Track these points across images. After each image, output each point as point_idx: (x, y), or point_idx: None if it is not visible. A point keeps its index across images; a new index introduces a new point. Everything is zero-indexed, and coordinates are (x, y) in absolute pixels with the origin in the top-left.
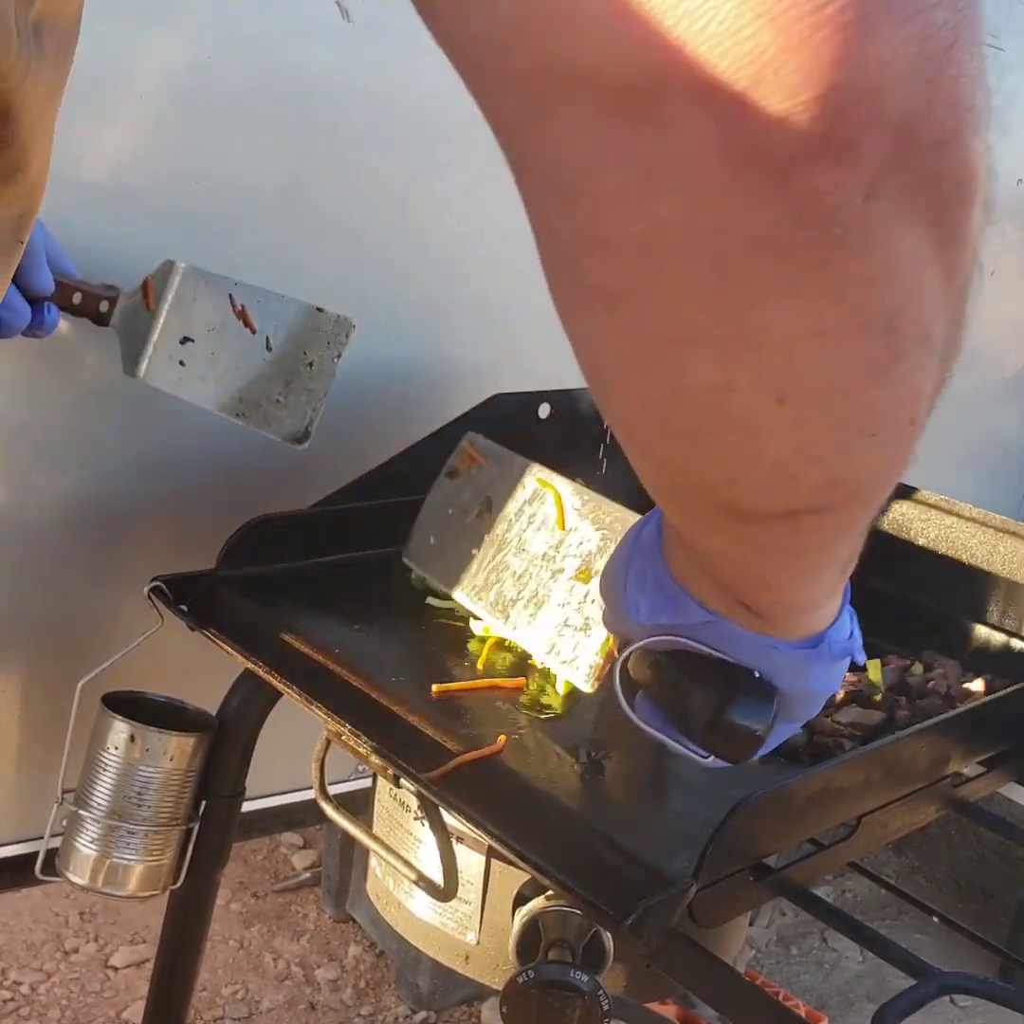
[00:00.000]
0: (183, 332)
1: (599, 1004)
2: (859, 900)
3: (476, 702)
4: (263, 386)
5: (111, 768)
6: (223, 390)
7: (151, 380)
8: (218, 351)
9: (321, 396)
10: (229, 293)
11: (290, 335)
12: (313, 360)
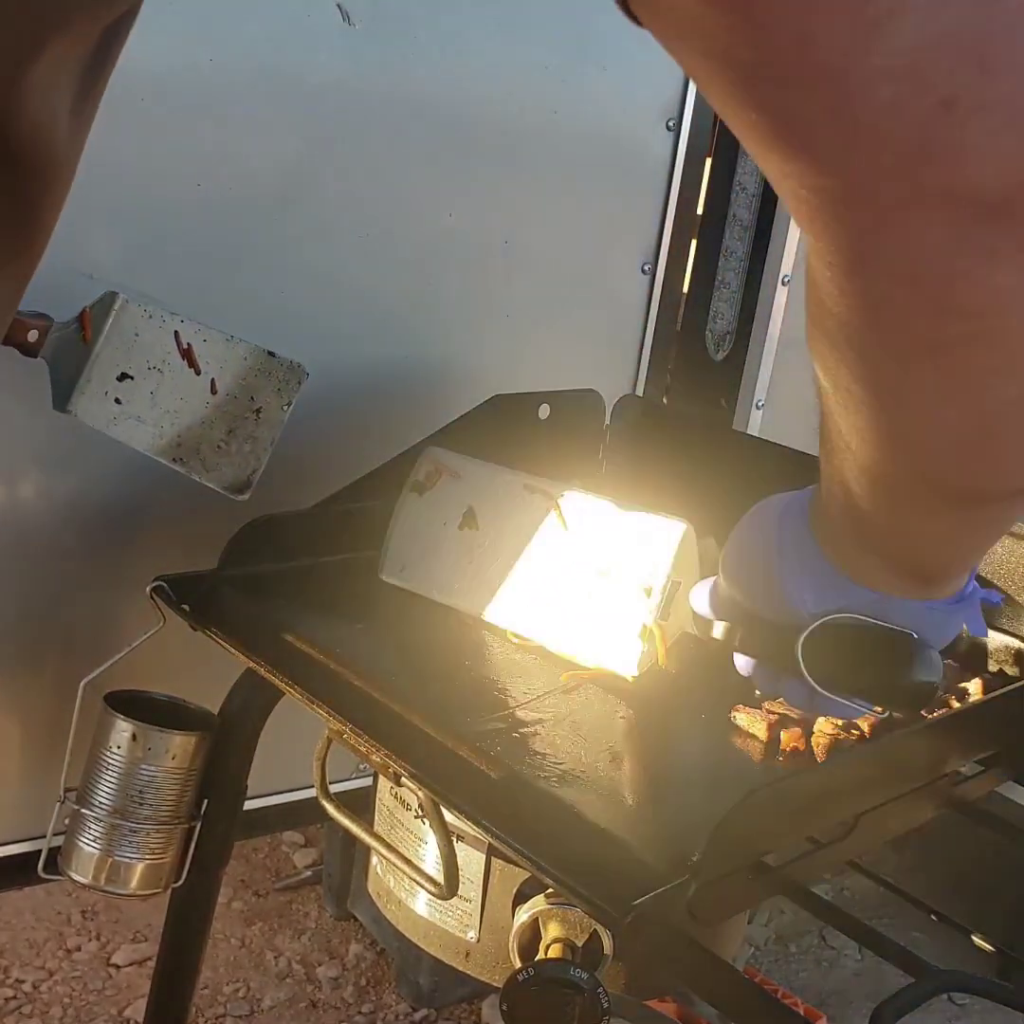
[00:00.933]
0: (121, 368)
1: (599, 1002)
2: (857, 898)
3: (476, 702)
4: (204, 431)
5: (113, 767)
6: (160, 432)
7: (83, 416)
8: (158, 391)
9: (267, 445)
10: (175, 330)
11: (237, 379)
12: (261, 406)
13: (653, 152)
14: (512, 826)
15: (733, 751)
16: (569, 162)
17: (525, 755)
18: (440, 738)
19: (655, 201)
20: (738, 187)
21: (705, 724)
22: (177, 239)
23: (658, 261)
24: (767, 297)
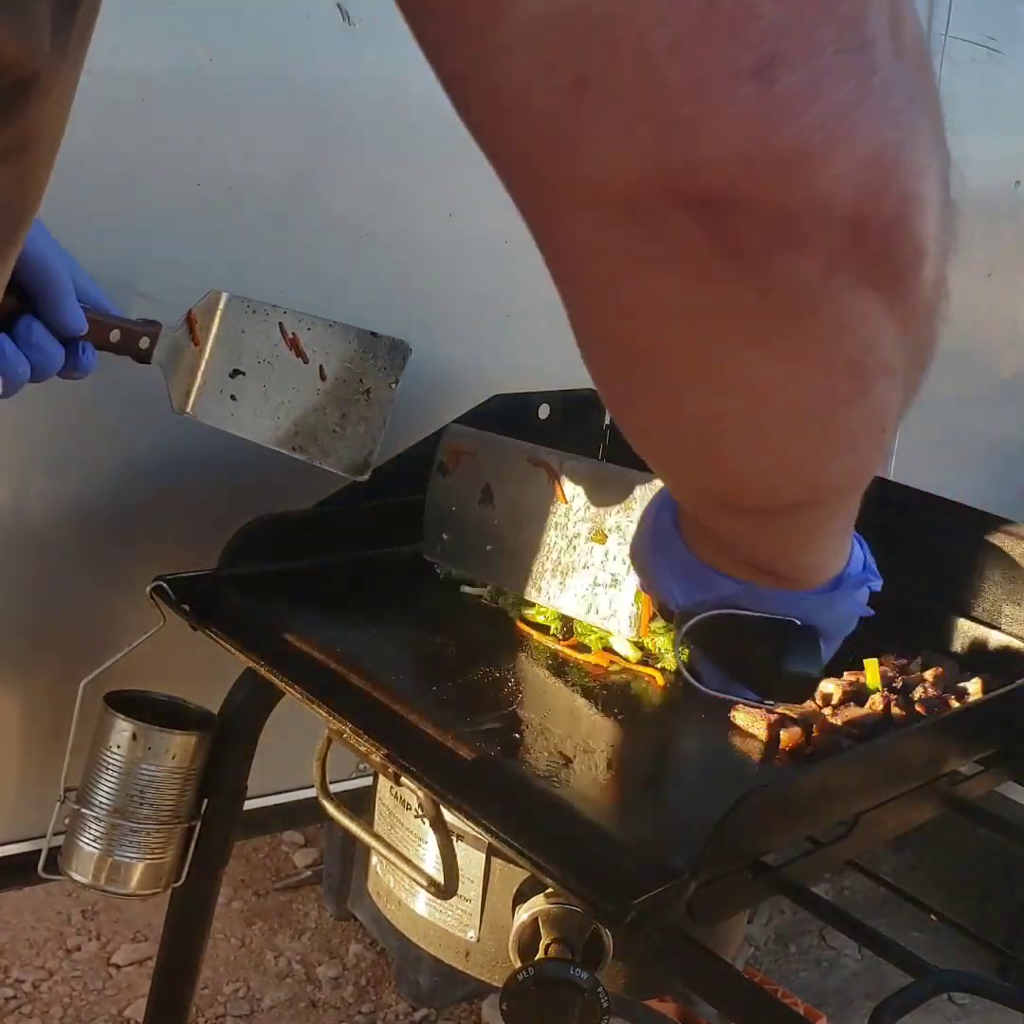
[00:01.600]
0: (232, 365)
1: (598, 1001)
2: (857, 898)
3: (476, 702)
4: (318, 417)
5: (113, 767)
6: (277, 423)
7: (202, 417)
8: (270, 383)
9: (380, 424)
10: (279, 322)
11: (343, 363)
12: (369, 387)
13: None
14: (512, 826)
15: (733, 751)
16: None
17: (525, 755)
18: (440, 738)
19: None
20: None
21: (705, 724)
22: (177, 239)
23: None
24: None
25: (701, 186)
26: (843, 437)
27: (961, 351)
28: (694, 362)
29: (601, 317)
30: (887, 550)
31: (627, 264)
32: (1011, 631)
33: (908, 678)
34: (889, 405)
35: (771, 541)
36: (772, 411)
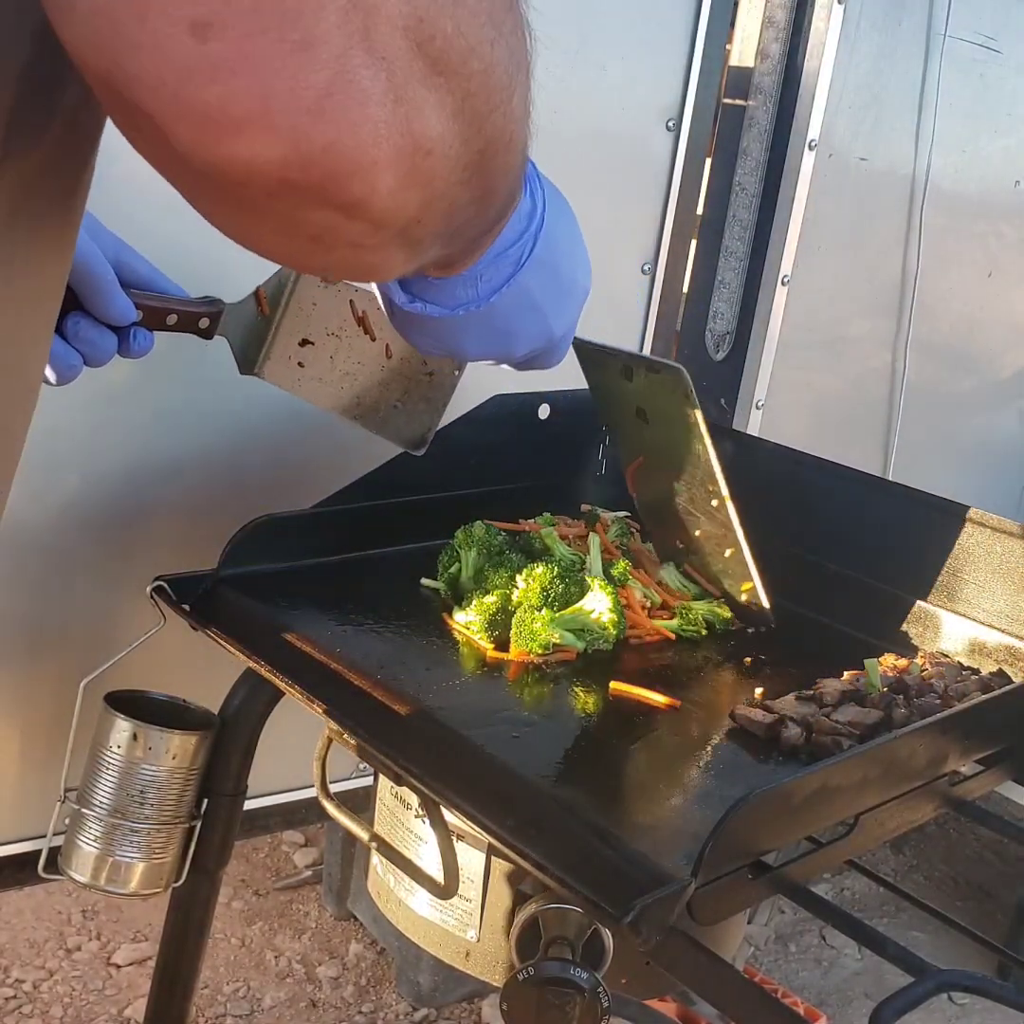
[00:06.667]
0: (302, 334)
1: (599, 1001)
2: (857, 898)
3: (474, 701)
4: (381, 391)
5: (114, 766)
6: (341, 393)
7: (269, 378)
8: (336, 355)
9: (440, 406)
10: (350, 299)
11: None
12: (433, 370)
13: (653, 152)
14: (512, 826)
15: (733, 751)
16: (569, 162)
17: (525, 755)
18: (440, 738)
19: (655, 201)
20: (738, 187)
21: (705, 724)
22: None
23: (658, 261)
24: (767, 297)
25: (135, 103)
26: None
27: (961, 351)
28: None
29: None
30: (888, 549)
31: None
32: (1011, 631)
33: (908, 678)
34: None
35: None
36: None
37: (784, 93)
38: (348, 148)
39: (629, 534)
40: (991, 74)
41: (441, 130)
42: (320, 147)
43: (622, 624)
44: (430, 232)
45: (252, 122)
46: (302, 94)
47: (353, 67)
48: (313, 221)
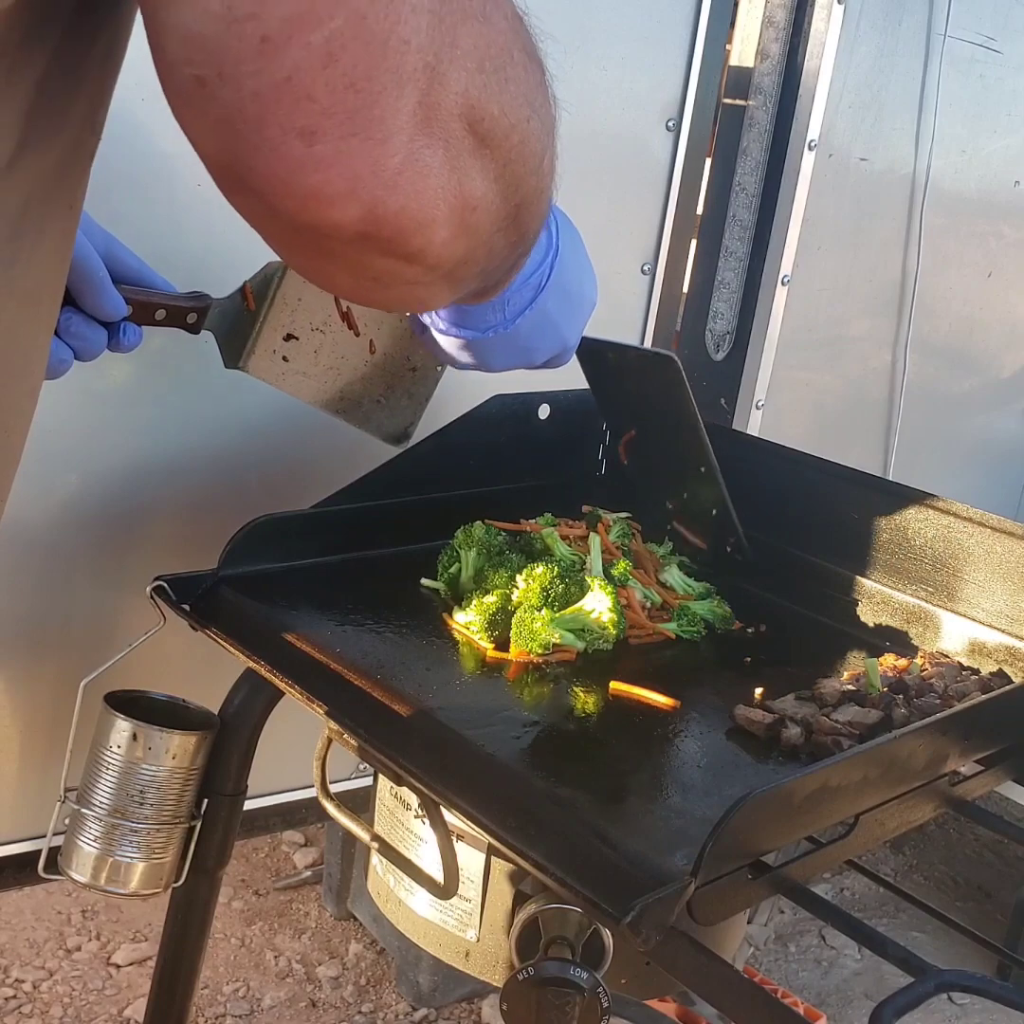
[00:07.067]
0: (287, 329)
1: (599, 1001)
2: (857, 898)
3: (474, 701)
4: (364, 386)
5: (113, 766)
6: (324, 387)
7: (253, 372)
8: (321, 350)
9: (423, 400)
10: (335, 295)
11: (394, 340)
12: (416, 366)
13: (653, 152)
14: (512, 826)
15: (733, 751)
16: (569, 162)
17: (525, 755)
18: (439, 738)
19: (655, 201)
20: (738, 187)
21: (705, 724)
22: (176, 239)
23: (658, 261)
24: (767, 297)
25: (249, 187)
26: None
27: (961, 351)
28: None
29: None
30: (888, 549)
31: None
32: (1011, 631)
33: (908, 678)
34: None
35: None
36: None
37: (784, 93)
38: (414, 211)
39: (630, 535)
40: (991, 74)
41: (485, 190)
42: (393, 212)
43: (622, 624)
44: (472, 272)
45: (343, 196)
46: (382, 175)
47: (418, 148)
48: (377, 266)
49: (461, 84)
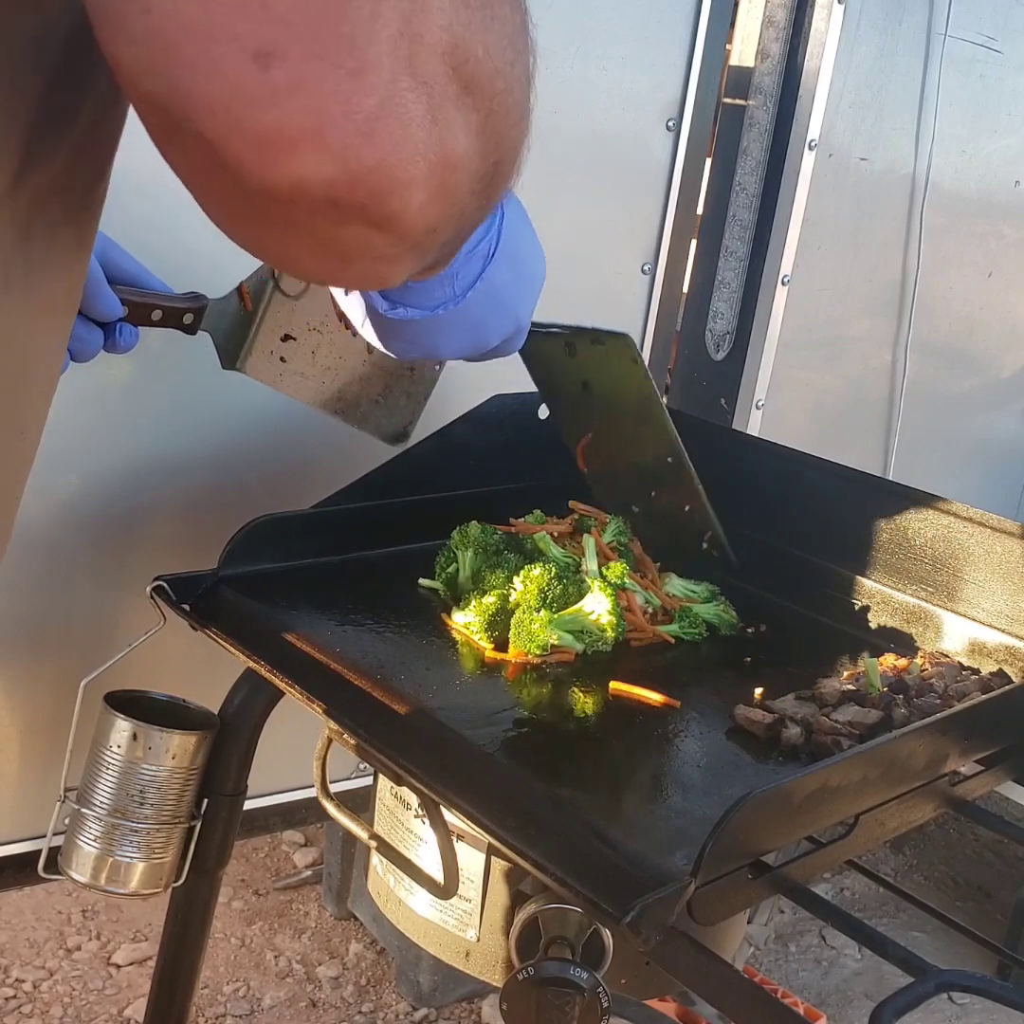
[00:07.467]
0: (284, 330)
1: (599, 1001)
2: (857, 898)
3: (474, 701)
4: (362, 387)
5: (113, 766)
6: (322, 387)
7: (251, 373)
8: (318, 350)
9: (421, 400)
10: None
11: None
12: (415, 365)
13: (653, 152)
14: (512, 826)
15: (733, 751)
16: (569, 162)
17: (525, 755)
18: (439, 738)
19: (655, 201)
20: (738, 187)
21: (705, 724)
22: (176, 239)
23: (658, 261)
24: (767, 297)
25: (189, 125)
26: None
27: (961, 351)
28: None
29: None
30: (888, 549)
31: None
32: (1011, 631)
33: (908, 678)
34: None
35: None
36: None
37: (784, 93)
38: (392, 167)
39: (628, 534)
40: (991, 74)
41: (467, 146)
42: (368, 167)
43: (621, 627)
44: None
45: (307, 142)
46: (354, 117)
47: (400, 91)
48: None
49: (445, 16)
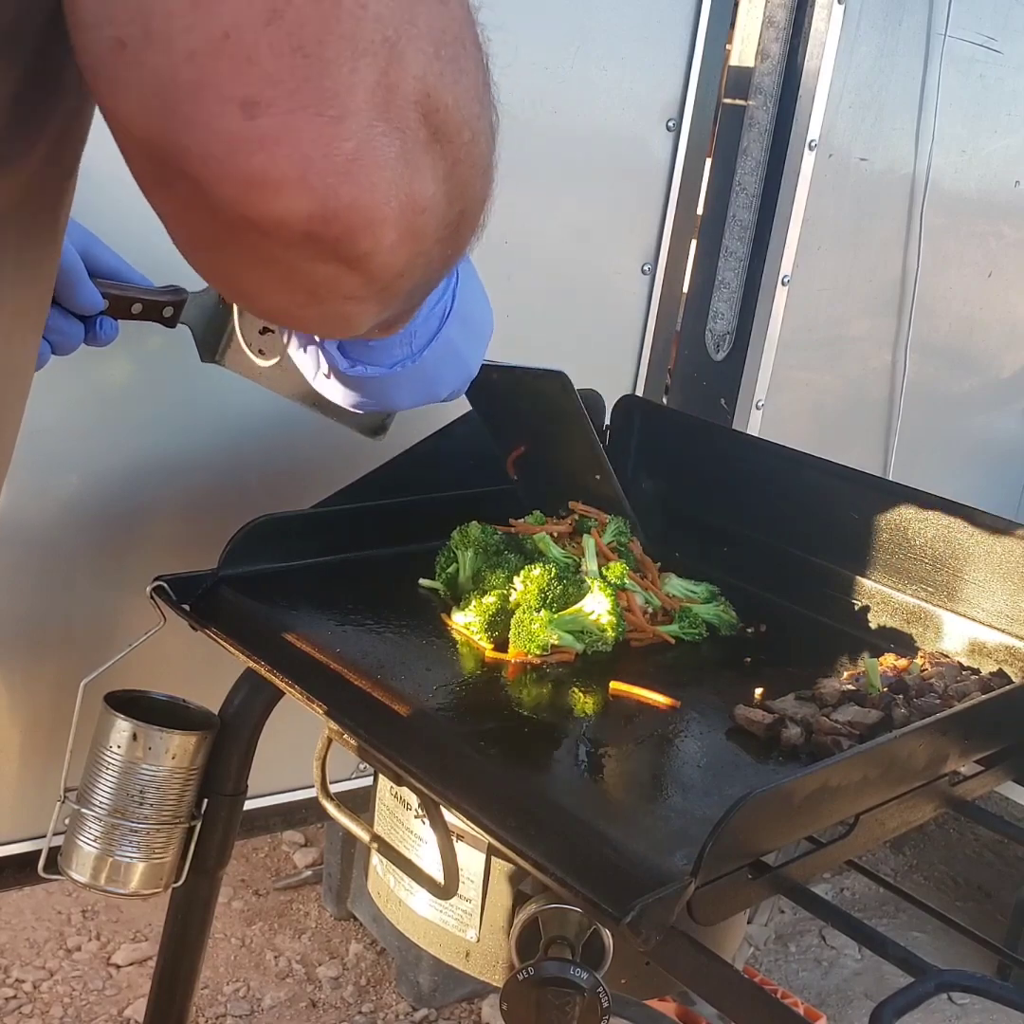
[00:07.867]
0: (262, 323)
1: (599, 1001)
2: (857, 898)
3: (474, 701)
4: None
5: (113, 766)
6: (299, 381)
7: (230, 366)
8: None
9: None
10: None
11: None
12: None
13: (653, 152)
14: (512, 826)
15: (733, 751)
16: (569, 162)
17: (525, 755)
18: (440, 738)
19: (655, 201)
20: (738, 187)
21: (705, 724)
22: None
23: (658, 261)
24: (767, 297)
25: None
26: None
27: (961, 351)
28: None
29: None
30: (887, 549)
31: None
32: (1011, 631)
33: (908, 678)
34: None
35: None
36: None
37: (784, 93)
38: (366, 206)
39: (628, 534)
40: (991, 74)
41: (434, 191)
42: (345, 204)
43: (621, 627)
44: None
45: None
46: (334, 159)
47: (376, 135)
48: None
49: (419, 67)
